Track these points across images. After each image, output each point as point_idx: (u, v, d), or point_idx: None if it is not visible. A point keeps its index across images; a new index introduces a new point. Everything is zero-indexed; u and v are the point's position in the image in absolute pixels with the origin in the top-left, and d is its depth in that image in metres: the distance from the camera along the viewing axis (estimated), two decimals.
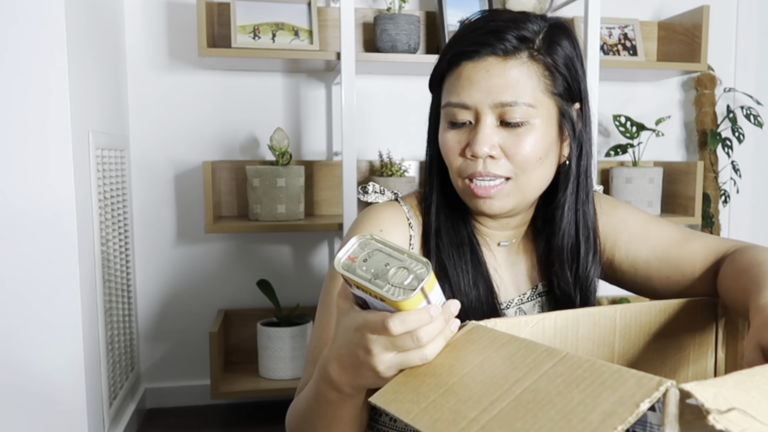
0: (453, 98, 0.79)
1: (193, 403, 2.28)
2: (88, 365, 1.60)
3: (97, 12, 1.81)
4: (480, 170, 0.78)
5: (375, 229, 0.84)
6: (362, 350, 0.57)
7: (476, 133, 0.78)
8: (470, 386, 0.50)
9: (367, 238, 0.58)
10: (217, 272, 2.29)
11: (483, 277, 0.84)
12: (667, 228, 0.90)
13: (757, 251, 0.79)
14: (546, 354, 0.50)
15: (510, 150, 0.78)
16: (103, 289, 1.76)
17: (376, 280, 0.55)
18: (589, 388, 0.44)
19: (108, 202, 1.84)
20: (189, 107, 2.23)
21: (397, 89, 2.33)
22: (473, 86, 0.77)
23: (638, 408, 0.41)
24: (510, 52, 0.77)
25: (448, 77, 0.81)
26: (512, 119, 0.77)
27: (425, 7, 2.32)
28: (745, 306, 0.69)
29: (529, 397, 0.46)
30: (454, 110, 0.79)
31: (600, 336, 0.71)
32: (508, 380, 0.49)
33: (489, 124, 0.78)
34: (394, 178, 2.15)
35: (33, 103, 1.48)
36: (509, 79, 0.77)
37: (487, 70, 0.77)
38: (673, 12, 2.46)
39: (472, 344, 0.56)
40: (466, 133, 0.79)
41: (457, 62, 0.79)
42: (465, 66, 0.78)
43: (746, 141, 2.51)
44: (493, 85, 0.76)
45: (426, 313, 0.54)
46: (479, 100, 0.77)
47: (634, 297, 2.39)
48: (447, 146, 0.81)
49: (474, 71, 0.77)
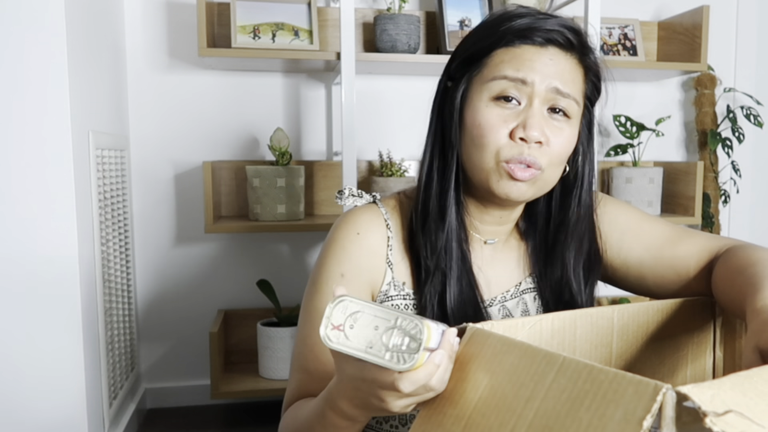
0: (510, 72, 0.78)
1: (193, 403, 2.28)
2: (88, 365, 1.61)
3: (97, 12, 1.81)
4: (526, 155, 0.77)
5: (352, 233, 0.83)
6: (375, 399, 0.57)
7: (531, 115, 0.77)
8: (487, 415, 0.52)
9: (342, 300, 0.55)
10: (217, 272, 2.29)
11: (467, 275, 0.84)
12: (659, 226, 0.90)
13: (750, 250, 0.79)
14: (546, 362, 0.50)
15: (552, 140, 0.78)
16: (103, 289, 1.76)
17: (371, 349, 0.53)
18: (593, 405, 0.45)
19: (108, 202, 1.85)
20: (189, 107, 2.23)
21: (397, 89, 2.33)
22: (535, 68, 0.77)
23: (642, 428, 0.42)
24: (569, 49, 0.80)
25: (499, 53, 0.80)
26: (561, 107, 0.79)
27: (425, 7, 2.32)
28: (741, 308, 0.69)
29: (542, 423, 0.47)
30: (509, 84, 0.78)
31: (598, 337, 0.71)
32: (519, 401, 0.50)
33: (541, 110, 0.78)
34: (394, 178, 2.15)
35: (33, 103, 1.48)
36: (567, 72, 0.79)
37: (550, 59, 0.78)
38: (673, 12, 2.46)
39: (477, 360, 0.56)
40: (513, 114, 0.78)
41: (515, 43, 0.79)
42: (526, 48, 0.78)
43: (746, 141, 2.51)
44: (553, 72, 0.78)
45: (432, 365, 0.54)
46: (539, 81, 0.77)
47: (633, 297, 2.39)
48: (489, 122, 0.78)
49: (537, 55, 0.78)
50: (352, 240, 0.83)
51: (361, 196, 0.92)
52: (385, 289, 0.84)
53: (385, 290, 0.85)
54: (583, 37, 0.81)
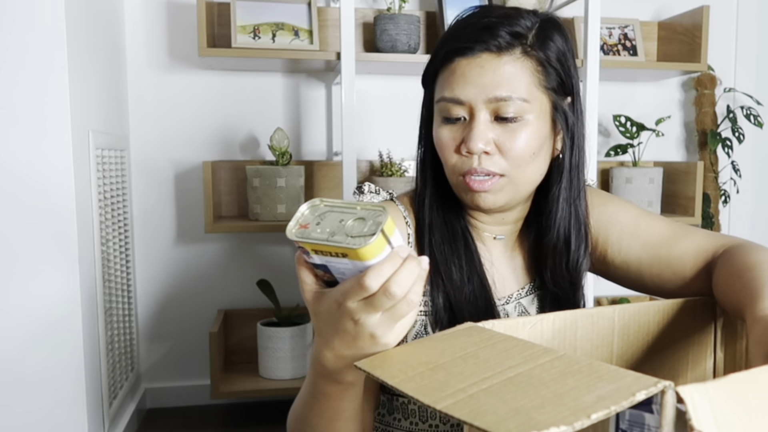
0: (447, 93, 0.79)
1: (193, 403, 2.28)
2: (88, 365, 1.60)
3: (97, 12, 1.81)
4: (475, 167, 0.78)
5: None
6: (350, 322, 0.54)
7: (471, 129, 0.78)
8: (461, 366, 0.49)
9: (316, 203, 0.55)
10: (217, 272, 2.29)
11: (477, 271, 0.83)
12: (658, 224, 0.89)
13: (747, 252, 0.78)
14: (543, 351, 0.50)
15: (504, 145, 0.78)
16: (103, 289, 1.76)
17: (334, 237, 0.51)
18: (585, 379, 0.44)
19: (108, 202, 1.84)
20: (189, 107, 2.23)
21: (397, 89, 2.33)
22: (468, 82, 0.77)
23: (634, 396, 0.40)
24: (503, 48, 0.77)
25: (442, 73, 0.81)
26: (507, 114, 0.77)
27: (425, 7, 2.31)
28: (740, 313, 0.69)
29: (522, 379, 0.45)
30: (448, 105, 0.79)
31: (599, 337, 0.71)
32: (502, 365, 0.48)
33: (483, 120, 0.78)
34: (394, 178, 2.15)
35: (33, 103, 1.48)
36: (503, 75, 0.77)
37: (481, 66, 0.77)
38: (673, 12, 2.46)
39: (468, 338, 0.56)
40: (461, 130, 0.79)
41: (450, 58, 0.79)
42: (459, 62, 0.78)
43: (746, 141, 2.51)
44: (487, 80, 0.77)
45: (396, 257, 0.52)
46: (474, 96, 0.77)
47: (633, 297, 2.39)
48: (442, 142, 0.81)
49: (468, 68, 0.77)
50: None
51: (378, 193, 0.93)
52: None
53: None
54: (520, 27, 0.78)
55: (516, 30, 0.78)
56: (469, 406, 0.42)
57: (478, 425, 0.39)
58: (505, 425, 0.38)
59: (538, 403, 0.41)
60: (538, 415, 0.39)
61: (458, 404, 0.42)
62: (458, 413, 0.41)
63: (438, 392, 0.45)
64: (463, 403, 0.43)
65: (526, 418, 0.39)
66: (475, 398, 0.43)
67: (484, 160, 0.78)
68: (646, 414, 0.45)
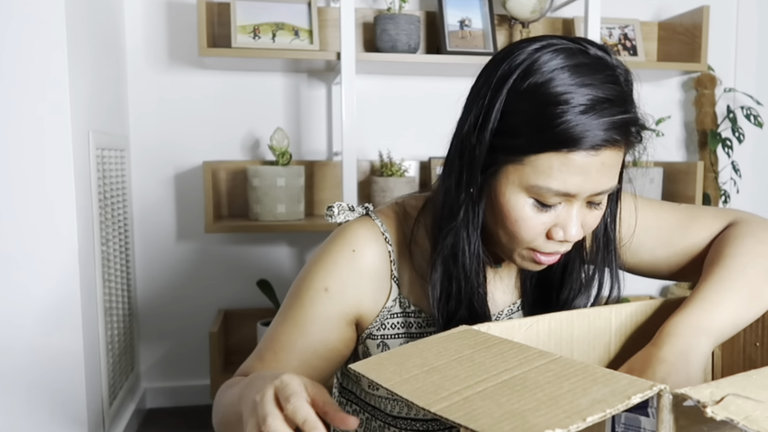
0: (556, 185, 0.70)
1: (193, 403, 2.29)
2: (88, 365, 1.61)
3: (97, 12, 1.81)
4: (560, 250, 0.75)
5: (348, 249, 0.80)
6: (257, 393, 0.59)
7: (570, 218, 0.73)
8: (457, 368, 0.50)
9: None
10: (217, 272, 2.29)
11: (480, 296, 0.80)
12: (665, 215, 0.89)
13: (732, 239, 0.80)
14: (539, 354, 0.50)
15: (585, 227, 0.75)
16: (103, 289, 1.76)
17: None
18: (580, 382, 0.44)
19: (108, 201, 1.85)
20: (189, 107, 2.23)
21: (397, 89, 2.33)
22: (587, 180, 0.70)
23: (629, 399, 0.41)
24: (623, 143, 0.72)
25: (549, 153, 0.69)
26: (599, 201, 0.75)
27: (425, 7, 2.31)
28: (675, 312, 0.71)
29: (517, 382, 0.46)
30: (552, 194, 0.71)
31: (595, 337, 0.71)
32: (498, 368, 0.49)
33: (582, 205, 0.74)
34: (395, 178, 2.15)
35: (33, 103, 1.48)
36: (615, 167, 0.73)
37: (602, 163, 0.70)
38: (673, 12, 2.46)
39: (463, 340, 0.56)
40: (552, 215, 0.73)
41: (568, 148, 0.68)
42: (578, 156, 0.68)
43: (746, 141, 2.51)
44: (602, 176, 0.71)
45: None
46: (585, 191, 0.71)
47: (633, 297, 2.39)
48: (527, 223, 0.73)
49: (588, 165, 0.69)
50: (346, 256, 0.80)
51: (353, 210, 0.88)
52: (390, 305, 0.83)
53: (390, 307, 0.83)
54: (643, 123, 0.74)
55: (640, 122, 0.75)
56: (464, 408, 0.42)
57: (473, 428, 0.39)
58: (500, 428, 0.39)
59: (533, 406, 0.41)
60: (533, 418, 0.39)
61: (453, 407, 0.43)
62: (453, 416, 0.42)
63: (433, 395, 0.46)
64: (458, 405, 0.43)
65: (521, 420, 0.39)
66: (470, 401, 0.43)
67: (567, 243, 0.76)
68: (641, 417, 0.45)
